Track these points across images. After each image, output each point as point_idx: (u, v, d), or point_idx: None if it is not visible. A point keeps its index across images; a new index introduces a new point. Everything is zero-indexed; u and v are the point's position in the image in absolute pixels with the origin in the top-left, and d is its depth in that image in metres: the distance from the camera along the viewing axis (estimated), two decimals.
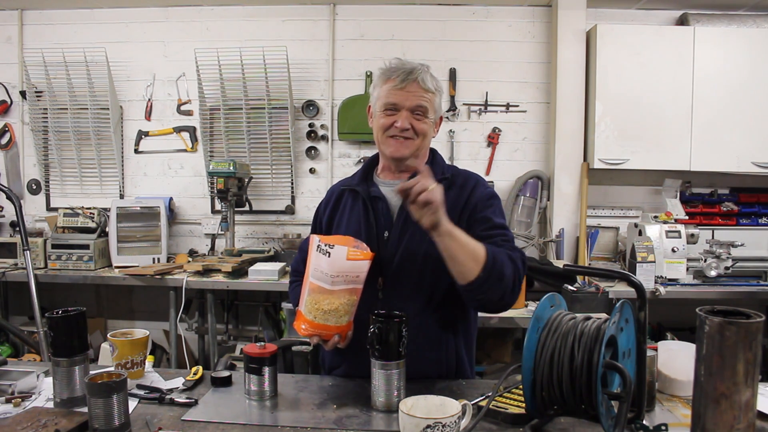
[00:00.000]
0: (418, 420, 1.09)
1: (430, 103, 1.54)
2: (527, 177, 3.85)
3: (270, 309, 3.79)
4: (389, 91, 1.53)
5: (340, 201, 1.69)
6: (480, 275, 1.36)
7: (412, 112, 1.52)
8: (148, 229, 3.63)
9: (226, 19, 3.97)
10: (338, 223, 1.65)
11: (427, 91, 1.53)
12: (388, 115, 1.54)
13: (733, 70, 3.49)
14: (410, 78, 1.51)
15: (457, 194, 1.57)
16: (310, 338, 1.46)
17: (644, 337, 1.20)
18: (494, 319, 2.82)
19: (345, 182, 1.72)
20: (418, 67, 1.54)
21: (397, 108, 1.52)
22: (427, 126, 1.55)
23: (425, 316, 1.53)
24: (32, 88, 3.95)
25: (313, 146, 3.98)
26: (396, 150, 1.55)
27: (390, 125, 1.53)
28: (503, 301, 1.43)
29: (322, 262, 1.38)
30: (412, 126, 1.53)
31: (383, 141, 1.57)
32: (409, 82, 1.51)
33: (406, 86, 1.51)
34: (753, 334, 1.02)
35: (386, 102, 1.54)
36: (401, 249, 1.53)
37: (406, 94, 1.52)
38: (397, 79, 1.52)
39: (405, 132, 1.52)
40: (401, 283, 1.53)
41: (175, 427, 1.23)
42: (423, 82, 1.52)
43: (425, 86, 1.53)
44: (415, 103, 1.52)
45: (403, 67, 1.53)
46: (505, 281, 1.39)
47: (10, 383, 1.40)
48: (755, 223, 3.88)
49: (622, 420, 1.07)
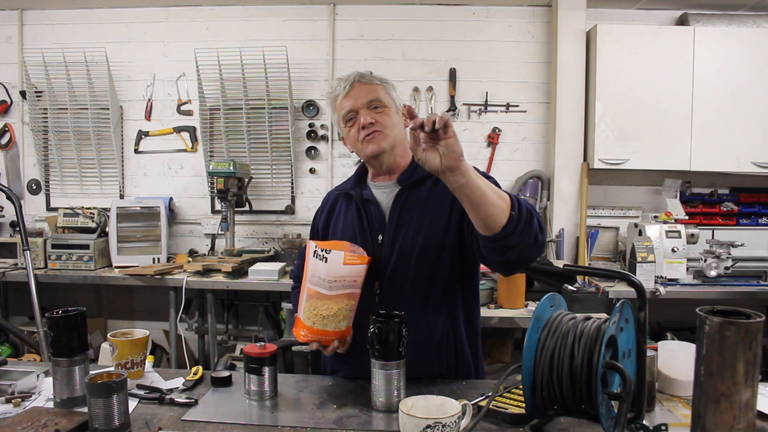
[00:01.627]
0: (418, 420, 1.09)
1: (383, 94, 1.57)
2: (527, 177, 3.85)
3: (270, 309, 3.79)
4: (340, 102, 1.58)
5: (335, 206, 1.70)
6: (512, 215, 1.22)
7: (369, 108, 1.54)
8: (148, 229, 3.63)
9: (226, 19, 3.97)
10: (333, 228, 1.66)
11: (371, 84, 1.57)
12: (351, 125, 1.57)
13: (733, 70, 3.49)
14: (350, 82, 1.56)
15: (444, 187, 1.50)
16: (309, 344, 1.46)
17: (644, 337, 1.20)
18: (494, 319, 2.82)
19: (340, 187, 1.74)
20: (354, 73, 1.59)
21: (355, 110, 1.55)
22: (389, 116, 1.56)
23: (424, 317, 1.53)
24: (32, 88, 3.95)
25: (313, 146, 3.98)
26: (374, 146, 1.54)
27: (358, 130, 1.55)
28: (537, 244, 1.29)
29: (320, 268, 1.39)
30: (376, 120, 1.54)
31: (361, 148, 1.57)
32: (350, 85, 1.56)
33: (350, 90, 1.56)
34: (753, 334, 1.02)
35: (343, 114, 1.57)
36: (396, 251, 1.53)
37: (355, 95, 1.55)
38: (341, 89, 1.57)
39: (371, 126, 1.53)
40: (398, 285, 1.53)
41: (175, 427, 1.23)
42: (363, 78, 1.58)
43: (368, 81, 1.57)
44: (366, 99, 1.55)
45: (342, 79, 1.59)
46: (534, 219, 1.27)
47: (10, 383, 1.40)
48: (755, 223, 3.88)
49: (622, 420, 1.07)
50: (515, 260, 1.32)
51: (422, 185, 1.58)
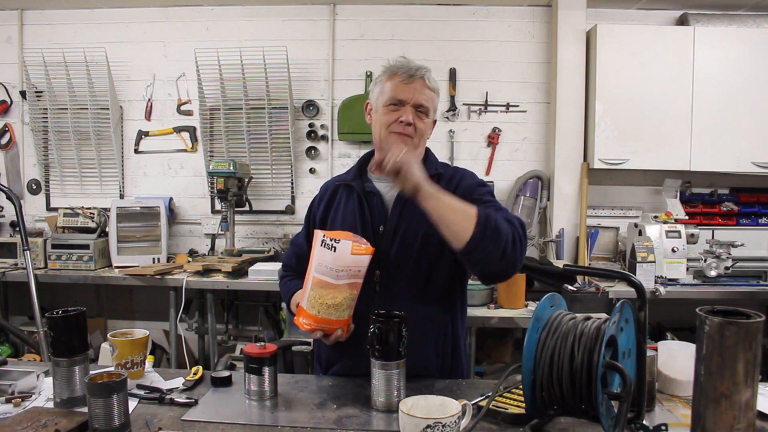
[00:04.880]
0: (418, 420, 1.09)
1: (431, 103, 1.58)
2: (527, 177, 3.85)
3: (270, 309, 3.79)
4: (395, 85, 1.55)
5: (335, 196, 1.70)
6: (475, 232, 1.31)
7: (416, 109, 1.55)
8: (148, 229, 3.63)
9: (226, 19, 3.97)
10: (333, 218, 1.66)
11: (431, 90, 1.57)
12: (392, 110, 1.55)
13: (733, 70, 3.48)
14: (417, 75, 1.55)
15: (445, 186, 1.56)
16: (312, 333, 1.46)
17: (644, 337, 1.20)
18: (494, 319, 2.82)
19: (339, 178, 1.74)
20: (423, 66, 1.58)
21: (403, 103, 1.54)
22: (426, 126, 1.58)
23: (423, 307, 1.55)
24: (32, 88, 3.95)
25: (313, 146, 3.98)
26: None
27: (394, 121, 1.54)
28: (505, 259, 1.35)
29: (327, 257, 1.39)
30: (414, 123, 1.54)
31: (385, 138, 1.57)
32: (415, 78, 1.55)
33: (412, 82, 1.54)
34: (753, 334, 1.02)
35: (392, 96, 1.55)
36: (397, 242, 1.55)
37: (412, 90, 1.54)
38: (404, 74, 1.55)
39: (407, 128, 1.54)
40: (398, 275, 1.55)
41: (175, 427, 1.23)
42: (428, 80, 1.57)
43: (430, 84, 1.57)
44: (420, 100, 1.55)
45: (409, 65, 1.57)
46: (502, 236, 1.33)
47: (10, 383, 1.40)
48: (755, 223, 3.88)
49: (622, 420, 1.07)
50: (487, 273, 1.43)
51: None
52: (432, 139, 1.65)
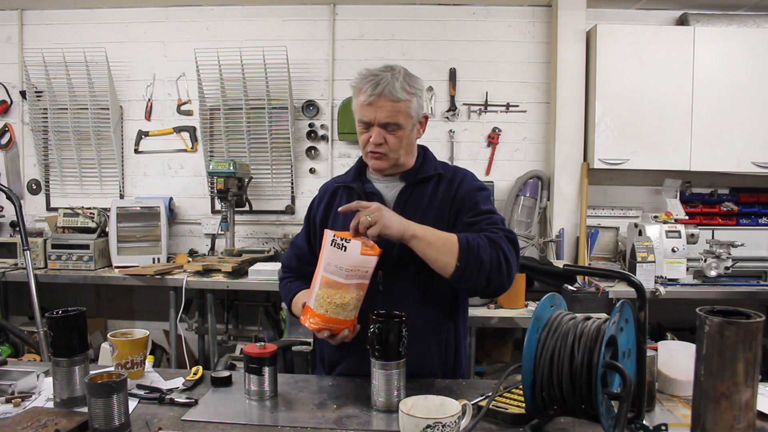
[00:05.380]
0: (418, 420, 1.09)
1: (399, 117, 1.52)
2: (527, 177, 3.85)
3: (270, 309, 3.79)
4: (360, 105, 1.54)
5: (335, 197, 1.70)
6: (458, 266, 1.40)
7: (384, 128, 1.52)
8: (148, 229, 3.63)
9: (226, 19, 3.97)
10: (333, 219, 1.65)
11: (397, 101, 1.50)
12: (362, 131, 1.56)
13: (733, 70, 3.48)
14: (377, 92, 1.48)
15: (447, 188, 1.61)
16: (319, 332, 1.45)
17: (644, 337, 1.20)
18: (494, 319, 2.82)
19: (339, 179, 1.73)
20: (385, 76, 1.49)
21: (370, 124, 1.53)
22: (400, 139, 1.55)
23: (425, 308, 1.55)
24: (32, 88, 3.94)
25: (313, 146, 3.98)
26: (375, 165, 1.60)
27: (366, 142, 1.56)
28: (491, 285, 1.44)
29: (338, 257, 1.40)
30: (386, 140, 1.53)
31: (364, 155, 1.61)
32: (376, 96, 1.49)
33: (374, 101, 1.49)
34: (753, 334, 1.02)
35: (359, 119, 1.56)
36: (398, 243, 1.52)
37: (375, 110, 1.50)
38: (366, 93, 1.50)
39: (378, 147, 1.53)
40: (401, 275, 1.55)
41: (175, 427, 1.23)
42: (391, 93, 1.49)
43: (394, 97, 1.49)
44: (384, 119, 1.51)
45: (371, 78, 1.50)
46: (485, 265, 1.41)
47: (10, 383, 1.40)
48: (755, 223, 3.88)
49: (622, 420, 1.07)
50: (479, 294, 1.57)
51: (427, 183, 1.61)
52: (432, 139, 1.66)
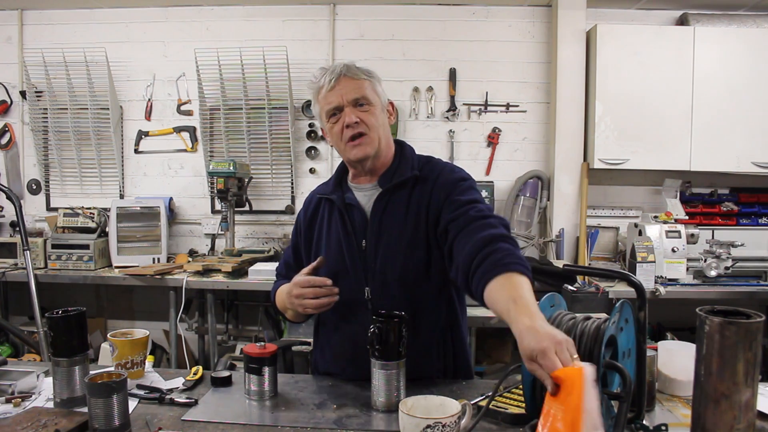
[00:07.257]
0: (418, 420, 1.09)
1: (367, 91, 1.51)
2: (527, 177, 3.85)
3: (270, 309, 3.78)
4: (323, 96, 1.51)
5: (318, 210, 1.64)
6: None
7: (355, 106, 1.50)
8: (148, 229, 3.63)
9: (226, 19, 3.97)
10: (319, 235, 1.61)
11: (358, 79, 1.50)
12: (335, 121, 1.51)
13: (733, 70, 3.48)
14: (336, 74, 1.49)
15: (421, 191, 1.52)
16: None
17: (644, 337, 1.20)
18: (494, 319, 2.82)
19: (320, 190, 1.68)
20: (339, 64, 1.52)
21: (340, 107, 1.50)
22: (375, 115, 1.51)
23: (417, 320, 1.49)
24: (32, 88, 3.94)
25: (313, 146, 3.98)
26: (360, 152, 1.50)
27: (342, 129, 1.50)
28: None
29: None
30: (361, 119, 1.49)
31: (345, 149, 1.52)
32: (336, 78, 1.49)
33: (336, 84, 1.49)
34: (753, 334, 1.02)
35: (327, 109, 1.51)
36: (380, 256, 1.50)
37: (340, 91, 1.49)
38: (326, 80, 1.50)
39: (356, 127, 1.48)
40: (388, 290, 1.49)
41: (175, 427, 1.23)
42: (350, 72, 1.50)
43: (355, 76, 1.50)
44: (352, 96, 1.49)
45: (325, 70, 1.52)
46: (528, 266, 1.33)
47: (10, 383, 1.40)
48: (755, 223, 3.88)
49: (622, 420, 1.07)
50: None
51: (403, 188, 1.53)
52: (432, 139, 1.65)
